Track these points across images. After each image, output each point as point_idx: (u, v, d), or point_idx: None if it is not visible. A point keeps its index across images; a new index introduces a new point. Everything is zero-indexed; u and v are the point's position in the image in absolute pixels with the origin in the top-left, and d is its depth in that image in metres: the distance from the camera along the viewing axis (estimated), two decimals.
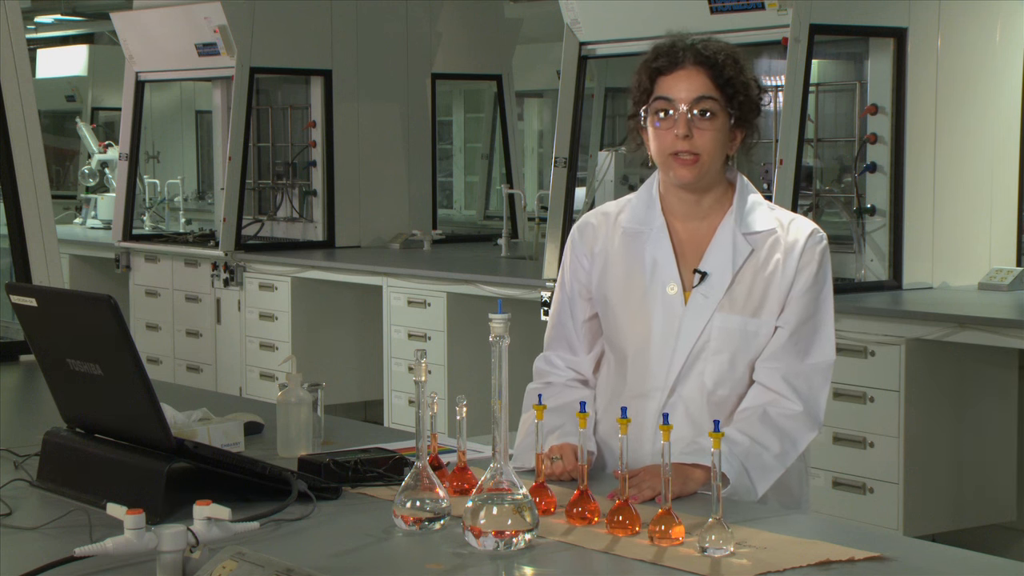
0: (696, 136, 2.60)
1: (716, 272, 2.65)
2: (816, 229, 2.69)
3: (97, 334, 2.37)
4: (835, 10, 5.31)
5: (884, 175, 5.44)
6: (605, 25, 6.06)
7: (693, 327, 2.64)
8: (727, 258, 2.65)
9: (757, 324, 2.64)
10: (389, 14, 7.91)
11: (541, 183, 8.96)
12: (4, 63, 4.30)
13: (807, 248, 2.65)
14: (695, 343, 2.64)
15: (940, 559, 2.20)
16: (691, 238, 2.70)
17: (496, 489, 2.13)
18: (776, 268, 2.65)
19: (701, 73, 2.61)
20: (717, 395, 2.65)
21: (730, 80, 2.61)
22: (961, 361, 5.03)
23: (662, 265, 2.67)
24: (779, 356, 2.64)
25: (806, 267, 2.65)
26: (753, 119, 2.67)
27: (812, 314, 2.65)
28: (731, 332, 2.63)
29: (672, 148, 2.62)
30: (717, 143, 2.62)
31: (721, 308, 2.64)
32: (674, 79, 2.62)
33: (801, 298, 2.64)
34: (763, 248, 2.66)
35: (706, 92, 2.60)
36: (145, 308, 8.19)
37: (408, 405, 6.71)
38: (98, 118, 10.92)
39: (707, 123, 2.60)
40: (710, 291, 2.64)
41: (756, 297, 2.64)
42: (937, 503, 5.04)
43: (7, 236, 4.39)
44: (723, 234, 2.67)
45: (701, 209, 2.69)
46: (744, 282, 2.65)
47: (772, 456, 2.59)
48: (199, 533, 1.99)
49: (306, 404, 2.79)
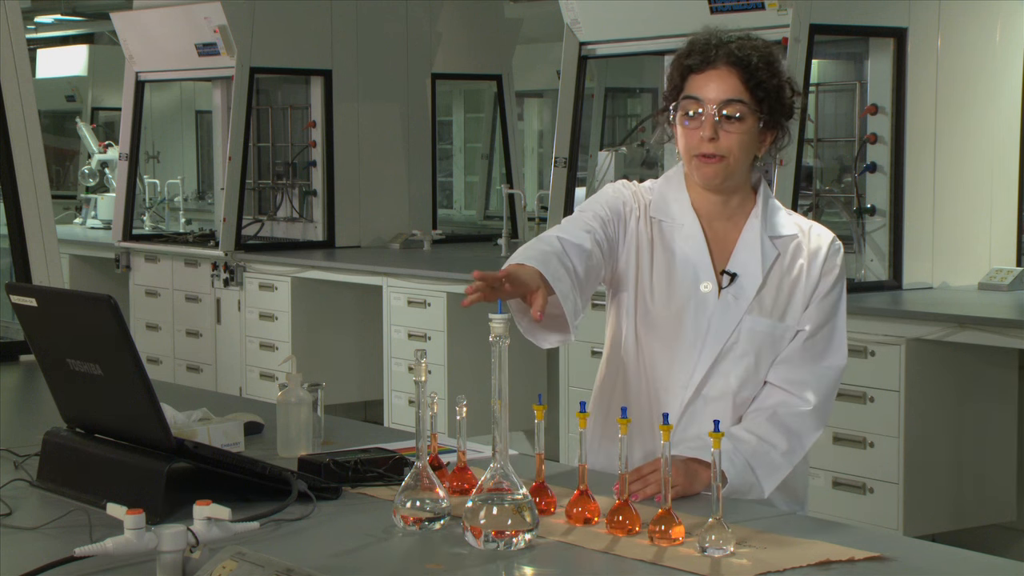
0: (722, 138, 2.58)
1: (746, 274, 2.64)
2: (835, 238, 2.70)
3: (97, 334, 2.37)
4: (835, 10, 5.31)
5: (884, 175, 5.44)
6: (605, 25, 6.06)
7: (723, 328, 2.63)
8: (756, 260, 2.64)
9: (784, 328, 2.63)
10: (389, 14, 7.91)
11: (541, 183, 8.96)
12: (4, 63, 4.30)
13: (830, 255, 2.66)
14: (724, 344, 2.63)
15: (940, 559, 2.20)
16: (716, 237, 2.68)
17: (496, 489, 2.13)
18: (801, 273, 2.65)
19: (733, 74, 2.58)
20: (741, 396, 2.64)
21: (761, 83, 2.59)
22: (961, 361, 5.03)
23: (696, 262, 2.65)
24: (794, 359, 2.64)
25: (828, 274, 2.65)
26: (784, 121, 2.64)
27: (828, 320, 2.65)
28: (759, 335, 2.63)
29: (697, 149, 2.60)
30: (743, 146, 2.60)
31: (751, 311, 2.63)
32: (705, 78, 2.60)
33: (820, 303, 2.65)
34: (787, 252, 2.66)
35: (735, 95, 2.58)
36: (145, 308, 8.19)
37: (408, 405, 6.71)
38: (98, 118, 10.92)
39: (734, 125, 2.58)
40: (740, 292, 2.63)
41: (783, 301, 2.64)
42: (937, 503, 5.04)
43: (7, 236, 4.39)
44: (750, 235, 2.66)
45: (727, 210, 2.68)
46: (771, 285, 2.65)
47: (780, 454, 2.59)
48: (199, 533, 1.99)
49: (306, 404, 2.79)
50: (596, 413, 2.73)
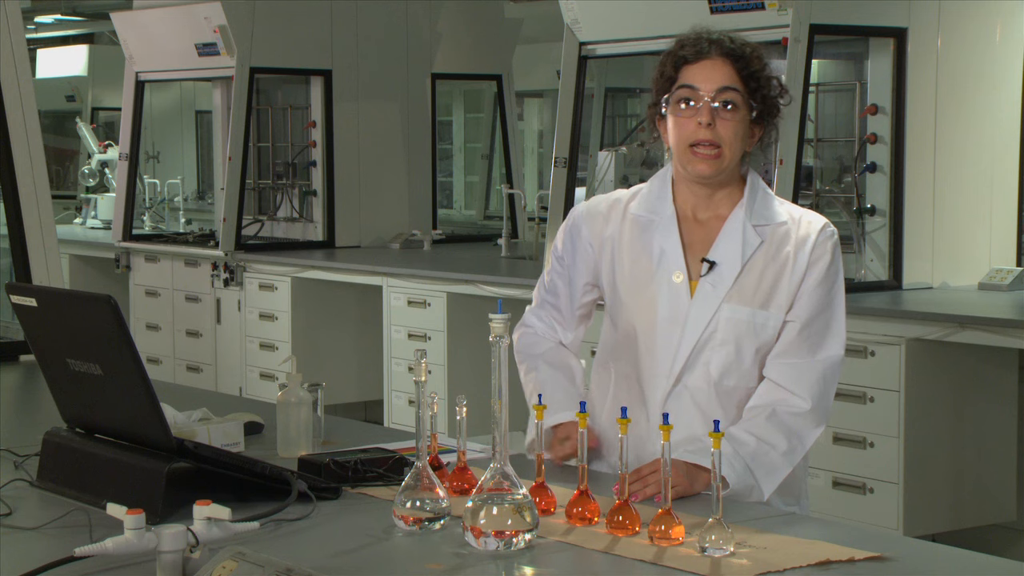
0: (719, 126, 2.60)
1: (725, 262, 2.64)
2: (827, 223, 2.69)
3: (97, 334, 2.37)
4: (835, 10, 5.31)
5: (884, 175, 5.44)
6: (605, 25, 6.06)
7: (700, 317, 2.64)
8: (736, 249, 2.65)
9: (765, 316, 2.63)
10: (389, 14, 7.91)
11: (541, 183, 8.96)
12: (4, 63, 4.30)
13: (819, 242, 2.65)
14: (702, 333, 2.63)
15: (940, 559, 2.20)
16: (701, 228, 2.69)
17: (496, 489, 2.13)
18: (787, 260, 2.64)
19: (727, 64, 2.62)
20: (724, 385, 2.65)
21: (755, 74, 2.63)
22: (961, 361, 5.03)
23: (669, 254, 2.67)
24: (790, 352, 2.64)
25: (818, 261, 2.64)
26: (772, 117, 2.67)
27: (823, 309, 2.65)
28: (739, 323, 2.63)
29: (693, 137, 2.62)
30: (738, 136, 2.62)
31: (729, 299, 2.63)
32: (699, 68, 2.63)
33: (813, 293, 2.64)
34: (773, 240, 2.66)
35: (731, 83, 2.61)
36: (145, 308, 8.19)
37: (408, 405, 6.71)
38: (98, 118, 10.92)
39: (729, 114, 2.61)
40: (719, 281, 2.64)
41: (765, 289, 2.64)
42: (937, 503, 5.04)
43: (7, 236, 4.39)
44: (733, 225, 2.66)
45: (713, 202, 2.69)
46: (753, 273, 2.64)
47: (779, 454, 2.59)
48: (199, 533, 1.99)
49: (306, 404, 2.79)
50: (594, 408, 2.76)
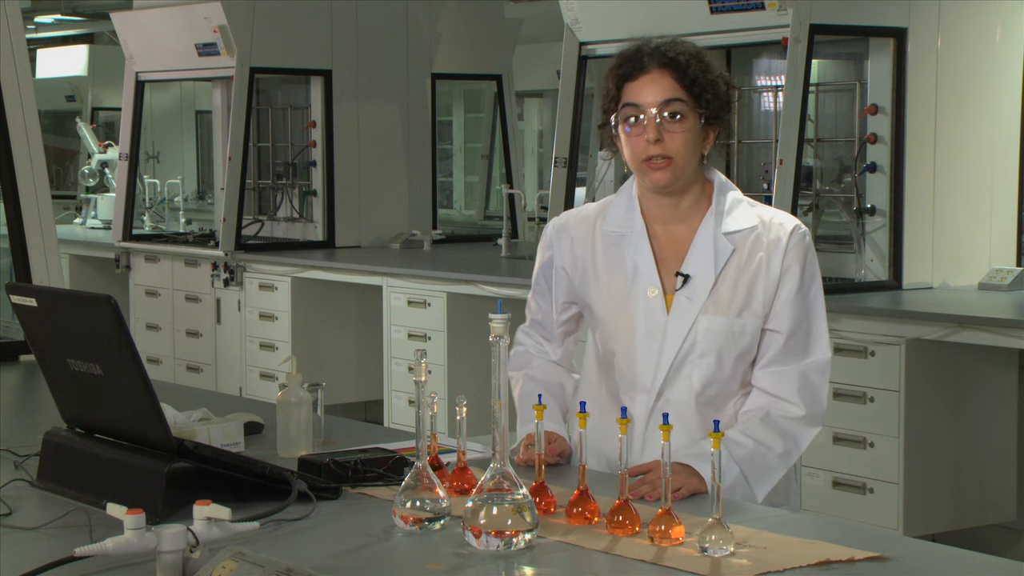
0: (667, 139, 2.60)
1: (699, 274, 2.64)
2: (798, 225, 2.68)
3: (97, 334, 2.37)
4: (835, 10, 5.31)
5: (884, 175, 5.44)
6: (605, 25, 6.06)
7: (678, 330, 2.64)
8: (709, 259, 2.64)
9: (742, 324, 2.63)
10: (389, 14, 7.91)
11: (541, 183, 8.97)
12: (4, 63, 4.30)
13: (791, 247, 2.64)
14: (681, 346, 2.64)
15: (940, 559, 2.20)
16: (672, 241, 2.69)
17: (496, 489, 2.13)
18: (760, 266, 2.64)
19: (667, 75, 2.61)
20: (705, 396, 2.65)
21: (696, 79, 2.61)
22: (961, 361, 5.03)
23: (642, 269, 2.67)
24: (776, 361, 2.64)
25: (791, 266, 2.64)
26: (724, 116, 2.66)
27: (804, 317, 2.65)
28: (716, 333, 2.63)
29: (644, 153, 2.62)
30: (689, 144, 2.62)
31: (705, 310, 2.64)
32: (640, 84, 2.62)
33: (792, 303, 2.64)
34: (745, 246, 2.65)
35: (673, 94, 2.60)
36: (145, 308, 8.19)
37: (408, 405, 6.71)
38: (98, 118, 10.92)
39: (677, 125, 2.60)
40: (694, 293, 2.64)
41: (740, 297, 2.64)
42: (937, 503, 5.04)
43: (7, 236, 4.39)
44: (703, 235, 2.66)
45: (680, 212, 2.69)
46: (727, 282, 2.64)
47: (776, 456, 2.60)
48: (199, 533, 1.99)
49: (306, 404, 2.79)
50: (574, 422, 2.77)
